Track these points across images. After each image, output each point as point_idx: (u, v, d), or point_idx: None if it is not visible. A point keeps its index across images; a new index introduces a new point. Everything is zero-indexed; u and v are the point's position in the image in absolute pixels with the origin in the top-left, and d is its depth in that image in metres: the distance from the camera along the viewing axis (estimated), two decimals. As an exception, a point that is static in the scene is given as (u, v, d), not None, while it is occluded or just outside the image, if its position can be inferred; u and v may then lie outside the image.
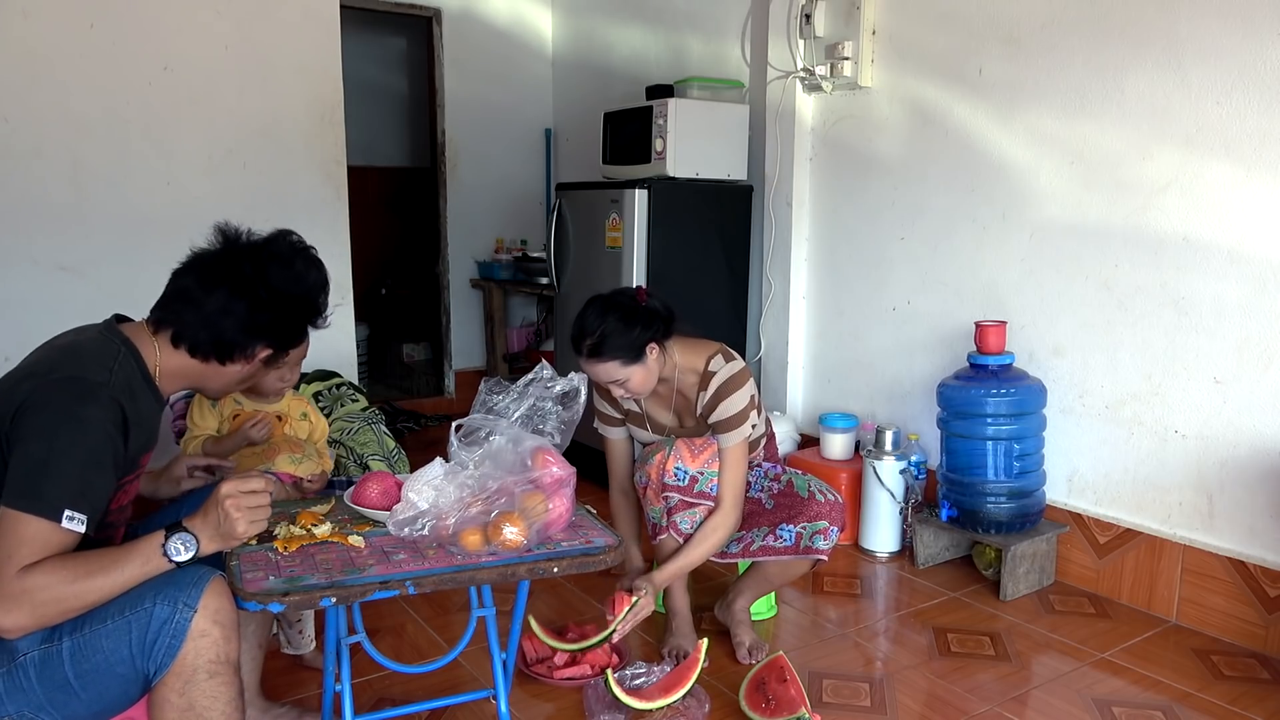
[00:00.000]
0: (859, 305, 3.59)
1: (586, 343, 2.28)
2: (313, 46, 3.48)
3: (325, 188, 3.57)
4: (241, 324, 1.58)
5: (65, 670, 1.38)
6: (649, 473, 2.38)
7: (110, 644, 1.38)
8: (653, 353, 2.32)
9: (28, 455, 1.38)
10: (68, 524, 1.36)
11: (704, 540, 2.35)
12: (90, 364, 1.49)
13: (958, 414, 2.89)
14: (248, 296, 1.57)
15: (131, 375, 1.54)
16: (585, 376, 1.87)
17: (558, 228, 4.08)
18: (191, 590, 1.38)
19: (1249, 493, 2.57)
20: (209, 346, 1.59)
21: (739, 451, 2.38)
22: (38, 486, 1.36)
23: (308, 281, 1.67)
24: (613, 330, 2.27)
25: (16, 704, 1.39)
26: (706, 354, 2.40)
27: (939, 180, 3.25)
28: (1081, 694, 2.31)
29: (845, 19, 3.44)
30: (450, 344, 5.46)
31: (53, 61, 3.04)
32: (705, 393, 2.39)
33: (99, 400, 1.44)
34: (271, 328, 1.63)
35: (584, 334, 2.30)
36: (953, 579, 3.01)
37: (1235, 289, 2.55)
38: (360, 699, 2.15)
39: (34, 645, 1.38)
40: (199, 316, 1.57)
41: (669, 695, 2.11)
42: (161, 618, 1.37)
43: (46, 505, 1.35)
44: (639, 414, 2.52)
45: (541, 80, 5.45)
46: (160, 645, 1.37)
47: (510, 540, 1.59)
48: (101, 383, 1.47)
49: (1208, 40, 2.53)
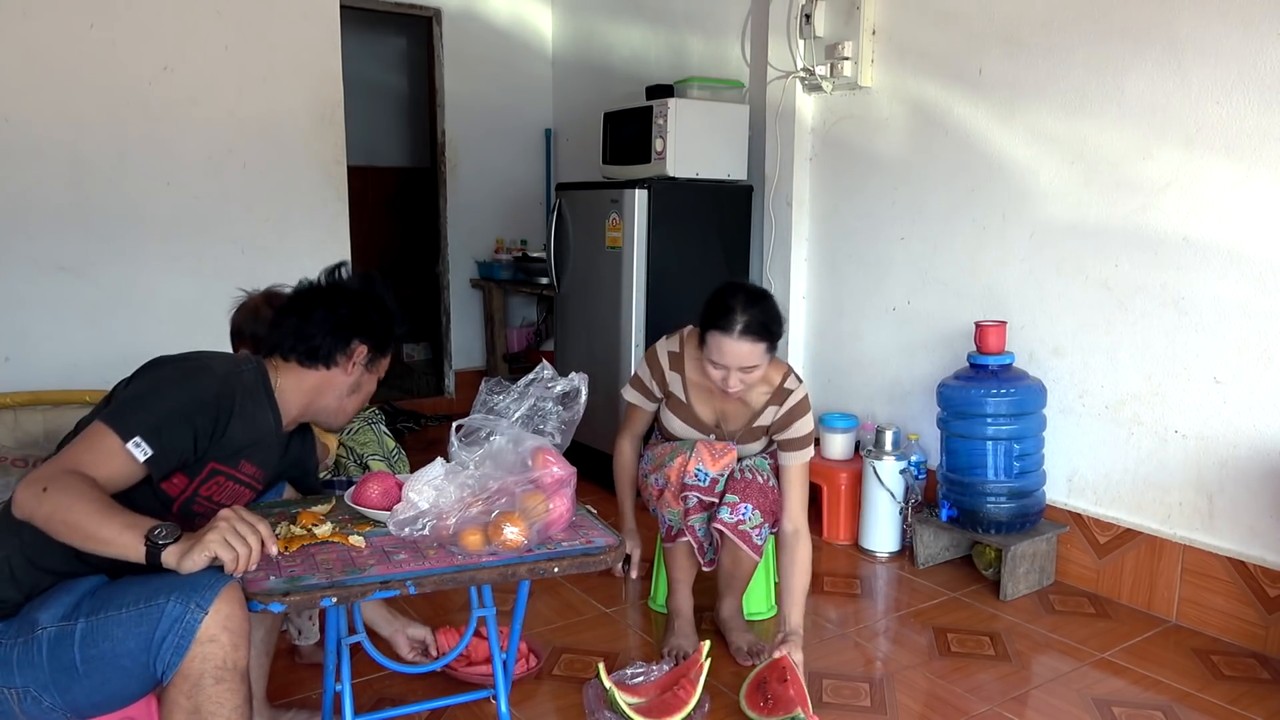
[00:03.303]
0: (859, 305, 3.59)
1: (742, 319, 2.24)
2: (313, 46, 3.49)
3: (325, 188, 3.57)
4: (329, 323, 1.76)
5: (74, 652, 1.40)
6: (668, 474, 2.38)
7: (120, 632, 1.39)
8: (775, 350, 2.34)
9: (132, 390, 1.59)
10: (133, 448, 1.49)
11: (796, 575, 2.34)
12: (216, 359, 1.70)
13: (958, 414, 2.89)
14: (325, 301, 1.78)
15: (256, 383, 1.71)
16: (585, 377, 1.86)
17: (558, 228, 4.08)
18: (206, 592, 1.38)
19: (1249, 493, 2.57)
20: (305, 350, 1.75)
21: (804, 471, 2.42)
22: (126, 410, 1.54)
23: (374, 285, 1.85)
24: (767, 314, 2.28)
25: (25, 678, 1.41)
26: (782, 370, 2.44)
27: (939, 180, 3.25)
28: (1081, 694, 2.31)
29: (845, 19, 3.44)
30: (450, 344, 5.46)
31: (53, 61, 3.05)
32: (779, 408, 2.41)
33: (212, 374, 1.63)
34: (355, 322, 1.78)
35: (736, 309, 2.25)
36: (953, 579, 3.01)
37: (1235, 289, 2.55)
38: (360, 699, 2.15)
39: (54, 620, 1.42)
40: (295, 328, 1.76)
41: (677, 712, 2.10)
42: (173, 615, 1.37)
43: (123, 425, 1.50)
44: (683, 404, 2.50)
45: (541, 80, 5.46)
46: (169, 643, 1.37)
47: (511, 540, 1.59)
48: (216, 366, 1.66)
49: (1208, 40, 2.53)
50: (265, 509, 1.78)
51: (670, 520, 2.42)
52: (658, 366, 2.51)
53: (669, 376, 2.49)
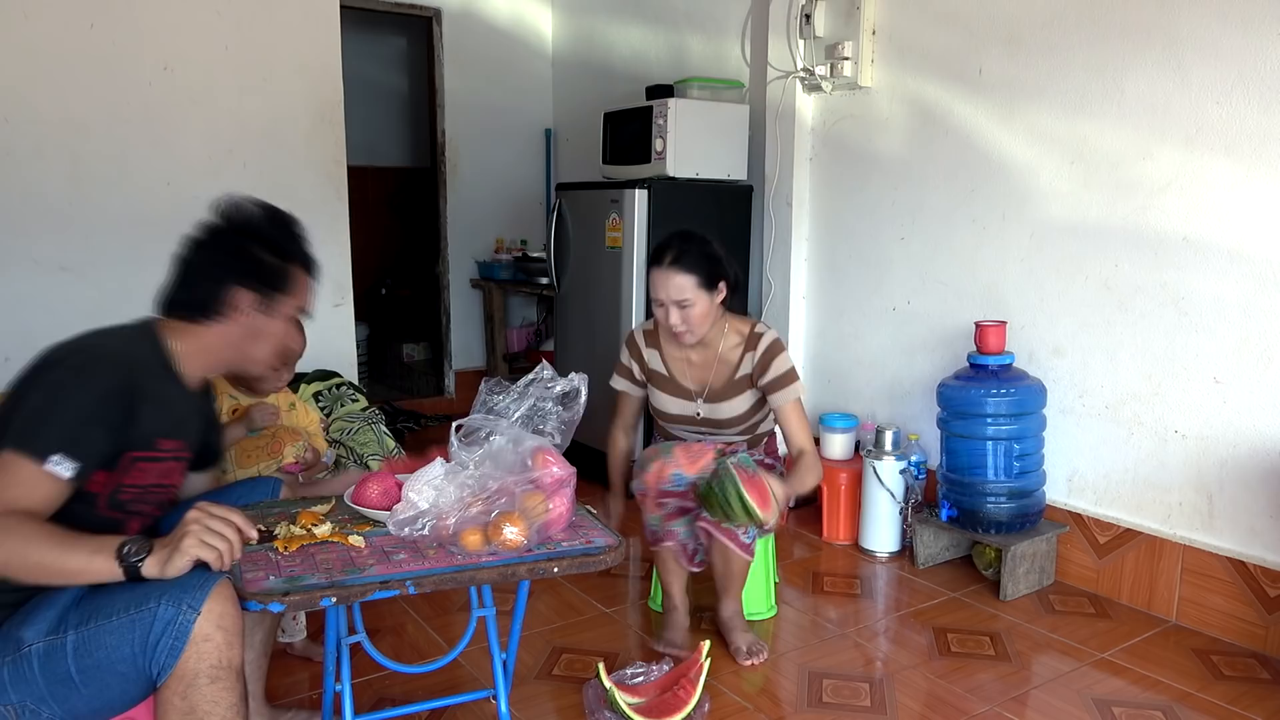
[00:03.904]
0: (859, 305, 3.59)
1: (671, 252, 2.40)
2: (313, 46, 3.48)
3: (325, 188, 3.56)
4: (200, 273, 1.63)
5: (68, 664, 1.38)
6: (646, 480, 2.37)
7: (113, 640, 1.37)
8: (720, 293, 2.44)
9: (29, 405, 1.45)
10: (53, 468, 1.40)
11: (806, 474, 2.41)
12: (109, 341, 1.58)
13: (958, 414, 2.89)
14: (198, 248, 1.65)
15: (149, 357, 1.61)
16: (584, 377, 1.86)
17: (558, 228, 4.08)
18: (197, 593, 1.37)
19: (1249, 493, 2.57)
20: (190, 305, 1.63)
21: (799, 406, 2.48)
22: (33, 430, 1.42)
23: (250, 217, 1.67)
24: (700, 251, 2.41)
25: (20, 694, 1.39)
26: (749, 321, 2.57)
27: (939, 180, 3.25)
28: (1081, 694, 2.31)
29: (845, 19, 3.44)
30: (450, 344, 5.46)
31: (53, 61, 3.04)
32: (754, 353, 2.50)
33: (104, 365, 1.52)
34: (229, 265, 1.63)
35: (670, 245, 2.43)
36: (953, 579, 3.01)
37: (1235, 289, 2.55)
38: (360, 699, 2.16)
39: (40, 636, 1.39)
40: (173, 284, 1.65)
41: (677, 712, 2.10)
42: (165, 618, 1.36)
43: (36, 447, 1.41)
44: (665, 377, 2.59)
45: (541, 80, 5.45)
46: (163, 646, 1.36)
47: (510, 540, 1.59)
48: (109, 353, 1.54)
49: (1208, 40, 2.53)
50: (265, 508, 1.78)
51: (652, 525, 2.43)
52: (635, 347, 2.63)
53: (647, 354, 2.61)
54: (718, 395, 2.53)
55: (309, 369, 3.07)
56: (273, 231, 1.69)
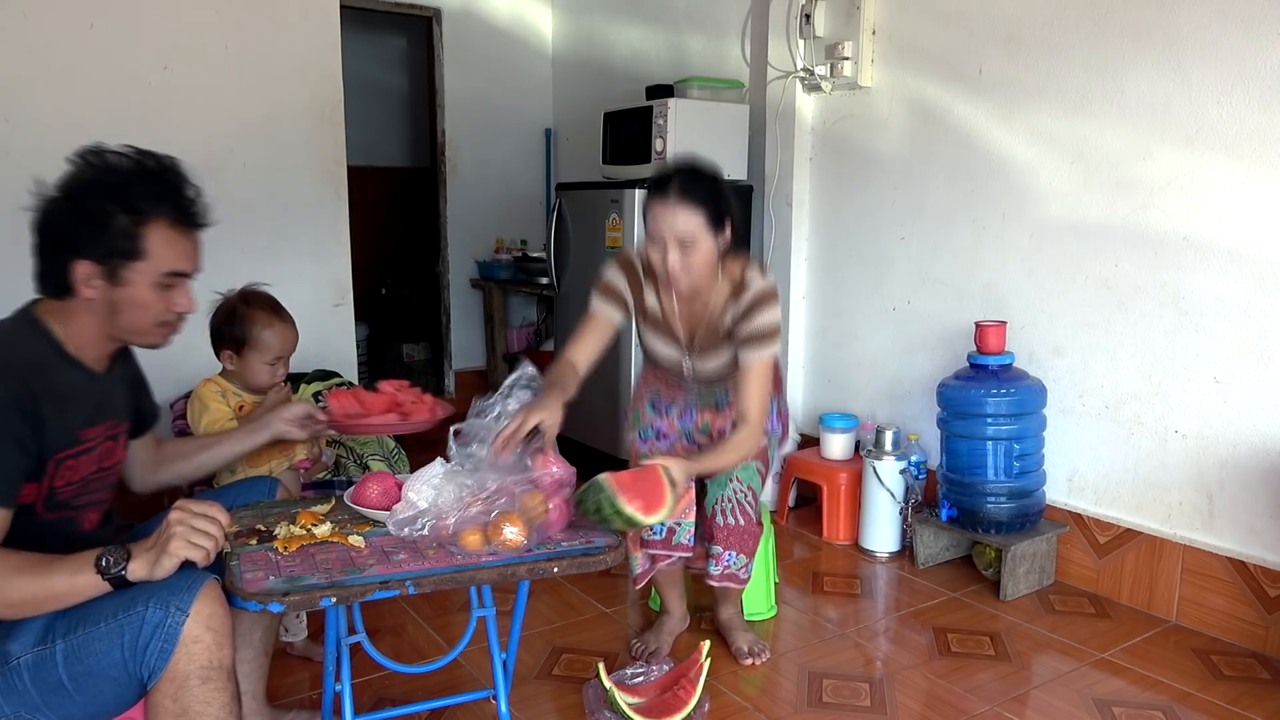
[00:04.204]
0: (859, 305, 3.59)
1: (678, 182, 2.09)
2: (313, 46, 3.48)
3: (325, 188, 3.56)
4: (45, 242, 1.50)
5: (59, 673, 1.37)
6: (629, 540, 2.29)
7: (103, 647, 1.36)
8: (725, 233, 2.16)
9: None
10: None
11: (727, 451, 2.17)
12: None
13: (958, 414, 2.89)
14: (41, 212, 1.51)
15: (38, 351, 1.51)
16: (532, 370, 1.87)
17: (558, 228, 4.08)
18: (184, 594, 1.36)
19: (1249, 493, 2.57)
20: (44, 282, 1.52)
21: (765, 369, 2.21)
22: None
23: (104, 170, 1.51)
24: (710, 186, 2.12)
25: (13, 705, 1.38)
26: (742, 264, 2.26)
27: (939, 180, 3.25)
28: (1081, 694, 2.31)
29: (845, 19, 3.44)
30: (450, 344, 5.46)
31: (53, 61, 3.04)
32: (736, 304, 2.22)
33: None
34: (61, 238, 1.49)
35: (675, 175, 2.11)
36: (953, 579, 3.01)
37: (1235, 288, 2.55)
38: (360, 699, 2.16)
39: (27, 648, 1.38)
40: (35, 257, 1.52)
41: (677, 712, 2.10)
42: (154, 622, 1.35)
43: None
44: (660, 318, 2.33)
45: (541, 80, 5.45)
46: (153, 650, 1.35)
47: (510, 540, 1.59)
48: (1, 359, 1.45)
49: (1208, 40, 2.53)
50: (264, 509, 1.78)
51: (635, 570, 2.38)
52: (636, 275, 2.31)
53: (646, 287, 2.31)
54: (704, 348, 2.31)
55: (309, 369, 3.07)
56: (117, 186, 1.50)
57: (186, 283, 1.60)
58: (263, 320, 2.19)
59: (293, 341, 2.24)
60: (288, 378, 2.32)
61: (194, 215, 1.59)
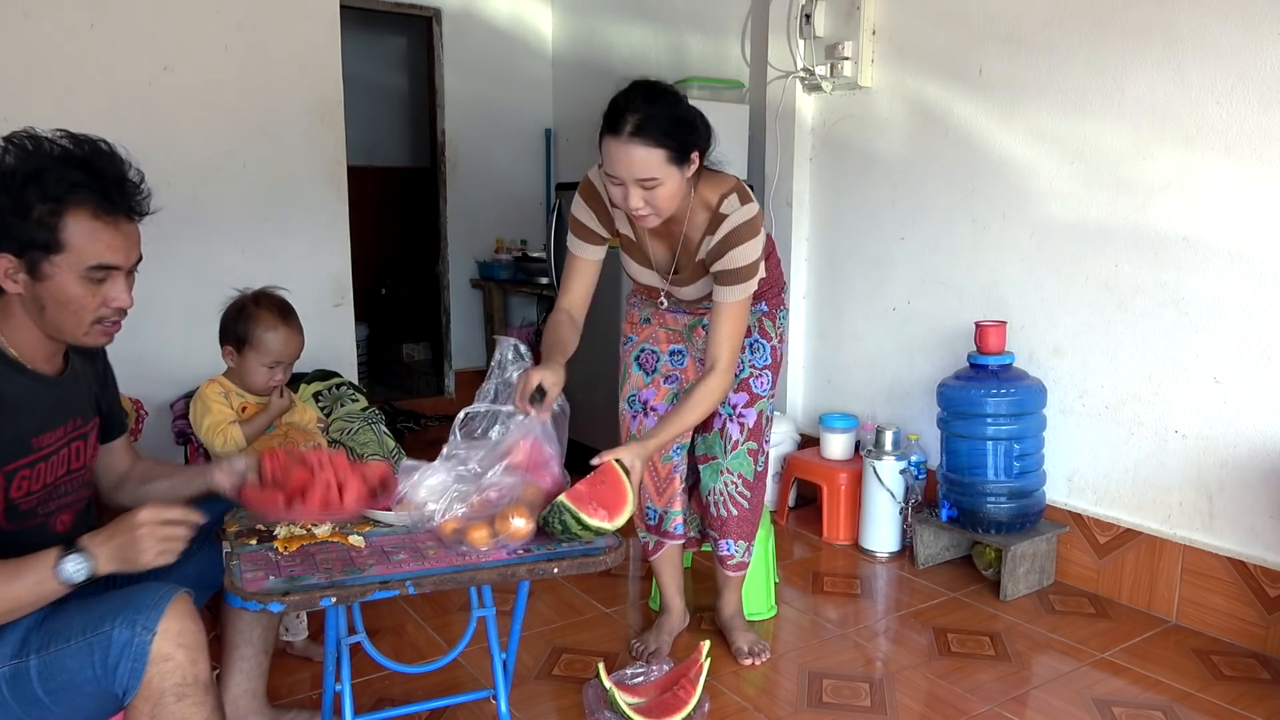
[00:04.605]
0: (859, 305, 3.59)
1: (633, 117, 1.85)
2: (313, 46, 3.48)
3: (325, 188, 3.56)
4: None
5: (35, 688, 1.34)
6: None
7: (75, 664, 1.33)
8: (693, 165, 1.97)
9: None
10: None
11: (694, 406, 2.02)
12: None
13: (958, 414, 2.89)
14: None
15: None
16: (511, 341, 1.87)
17: (558, 228, 4.08)
18: (150, 613, 1.32)
19: (1249, 493, 2.57)
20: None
21: (740, 309, 2.06)
22: None
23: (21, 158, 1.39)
24: (669, 115, 1.89)
25: None
26: (720, 190, 2.07)
27: (939, 180, 3.25)
28: (1081, 694, 2.31)
29: (845, 19, 3.44)
30: (450, 344, 5.46)
31: (53, 61, 3.04)
32: (712, 237, 2.06)
33: None
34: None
35: (629, 107, 1.87)
36: (953, 579, 3.01)
37: (1235, 288, 2.55)
38: (360, 699, 2.16)
39: (4, 660, 1.35)
40: None
41: (677, 712, 2.10)
42: (121, 641, 1.31)
43: None
44: (633, 241, 2.18)
45: (541, 80, 5.45)
46: (123, 668, 1.32)
47: (518, 530, 1.60)
48: None
49: (1208, 40, 2.53)
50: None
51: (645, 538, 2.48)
52: (598, 199, 2.10)
53: (614, 210, 2.10)
54: (682, 276, 2.17)
55: (309, 369, 3.07)
56: (34, 173, 1.38)
57: (120, 276, 1.48)
58: (267, 322, 2.18)
59: (296, 349, 2.23)
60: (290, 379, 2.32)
61: (121, 203, 1.45)
